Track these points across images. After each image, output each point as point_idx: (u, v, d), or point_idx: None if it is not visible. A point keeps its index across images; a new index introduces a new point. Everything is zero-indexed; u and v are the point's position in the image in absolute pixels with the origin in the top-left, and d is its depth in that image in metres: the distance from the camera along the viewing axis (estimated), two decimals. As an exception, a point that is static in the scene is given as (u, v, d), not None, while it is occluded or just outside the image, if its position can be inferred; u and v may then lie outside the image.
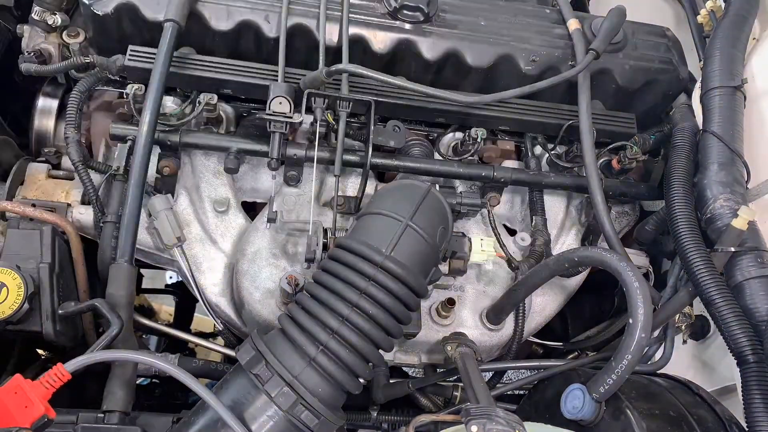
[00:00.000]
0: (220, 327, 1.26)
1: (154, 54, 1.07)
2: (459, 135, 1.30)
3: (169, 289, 2.43)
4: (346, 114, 1.13)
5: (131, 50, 1.14)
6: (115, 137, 1.16)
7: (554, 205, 1.35)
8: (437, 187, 1.22)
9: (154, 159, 1.15)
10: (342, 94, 1.13)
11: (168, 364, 0.82)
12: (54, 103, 1.29)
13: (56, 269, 1.06)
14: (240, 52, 1.21)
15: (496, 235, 1.28)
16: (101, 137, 1.26)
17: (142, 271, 2.11)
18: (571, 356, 1.51)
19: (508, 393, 1.24)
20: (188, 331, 2.04)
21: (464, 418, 0.83)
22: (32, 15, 1.20)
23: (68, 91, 1.21)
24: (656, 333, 1.18)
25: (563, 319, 1.62)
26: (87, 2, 1.13)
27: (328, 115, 1.13)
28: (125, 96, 1.14)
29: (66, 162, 1.25)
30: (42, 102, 1.29)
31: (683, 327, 1.21)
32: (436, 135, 1.32)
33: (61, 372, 0.78)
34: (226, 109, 1.23)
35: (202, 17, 1.16)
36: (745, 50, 1.21)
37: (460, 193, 1.24)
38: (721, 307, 0.96)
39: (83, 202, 1.19)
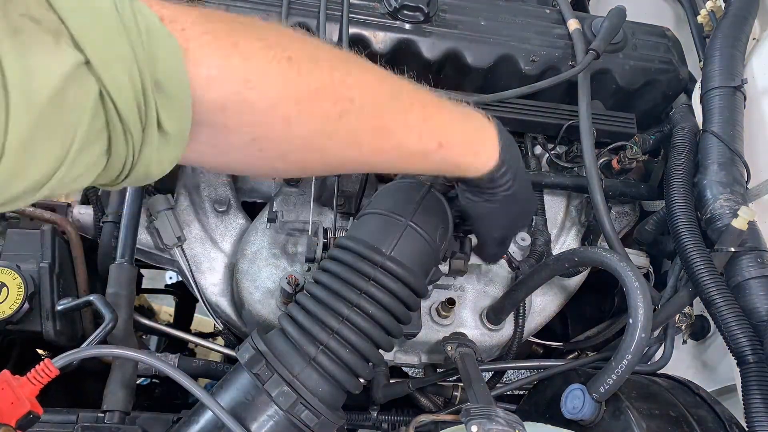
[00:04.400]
0: (220, 327, 1.26)
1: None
2: (459, 135, 1.30)
3: (169, 290, 2.43)
4: (346, 114, 1.13)
5: (131, 50, 1.14)
6: (115, 137, 1.15)
7: (554, 204, 1.35)
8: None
9: (154, 159, 1.15)
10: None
11: (159, 362, 0.82)
12: (54, 103, 1.29)
13: (56, 269, 1.06)
14: (240, 52, 1.21)
15: (496, 235, 1.28)
16: (101, 137, 1.25)
17: (142, 271, 2.11)
18: (571, 356, 1.51)
19: (508, 393, 1.24)
20: (188, 331, 2.04)
21: (464, 418, 0.83)
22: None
23: (68, 91, 1.21)
24: (656, 333, 1.18)
25: (563, 319, 1.62)
26: (87, 2, 1.13)
27: (329, 115, 1.13)
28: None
29: (66, 162, 1.24)
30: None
31: (683, 327, 1.21)
32: (436, 135, 1.32)
33: (49, 368, 0.77)
34: (226, 109, 1.23)
35: (202, 17, 1.16)
36: (745, 50, 1.21)
37: (460, 193, 1.23)
38: (721, 307, 0.96)
39: (83, 202, 1.19)
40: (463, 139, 0.79)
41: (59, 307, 1.02)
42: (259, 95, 0.60)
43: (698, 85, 1.24)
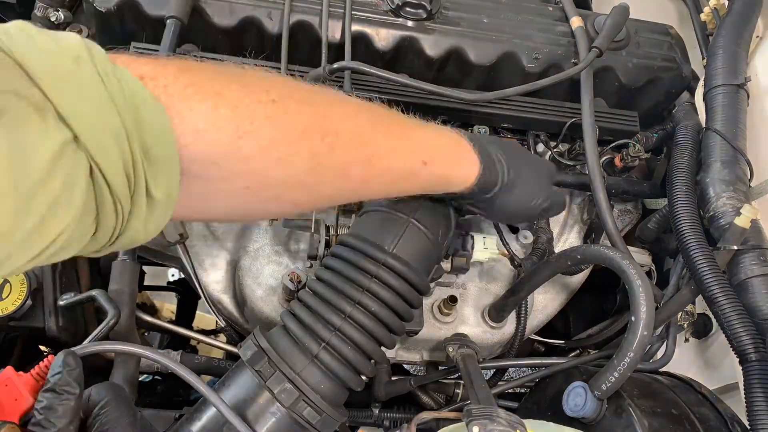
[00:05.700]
0: (222, 324, 1.26)
1: (157, 51, 1.07)
2: (461, 132, 1.30)
3: (171, 287, 2.43)
4: (349, 111, 1.13)
5: (134, 47, 1.14)
6: (117, 134, 1.15)
7: (556, 202, 1.35)
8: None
9: (156, 156, 1.16)
10: (344, 92, 1.13)
11: (164, 358, 0.82)
12: (56, 100, 1.30)
13: (59, 265, 1.06)
14: (242, 48, 1.21)
15: (498, 232, 1.27)
16: (104, 134, 1.26)
17: (145, 268, 2.12)
18: (572, 354, 1.51)
19: (510, 391, 1.24)
20: (190, 328, 2.04)
21: (465, 418, 0.83)
22: (35, 11, 1.20)
23: (71, 88, 1.21)
24: (658, 331, 1.18)
25: (565, 316, 1.62)
26: (90, -1, 1.13)
27: (331, 112, 1.13)
28: (128, 93, 1.14)
29: (68, 159, 1.25)
30: (44, 99, 1.30)
31: (685, 325, 1.21)
32: (438, 132, 1.32)
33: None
34: (228, 106, 1.23)
35: (205, 14, 1.16)
36: (748, 48, 1.20)
37: (463, 190, 1.24)
38: (723, 305, 0.95)
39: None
40: (444, 153, 0.81)
41: (62, 302, 1.02)
42: (251, 142, 0.59)
43: (701, 83, 1.23)
